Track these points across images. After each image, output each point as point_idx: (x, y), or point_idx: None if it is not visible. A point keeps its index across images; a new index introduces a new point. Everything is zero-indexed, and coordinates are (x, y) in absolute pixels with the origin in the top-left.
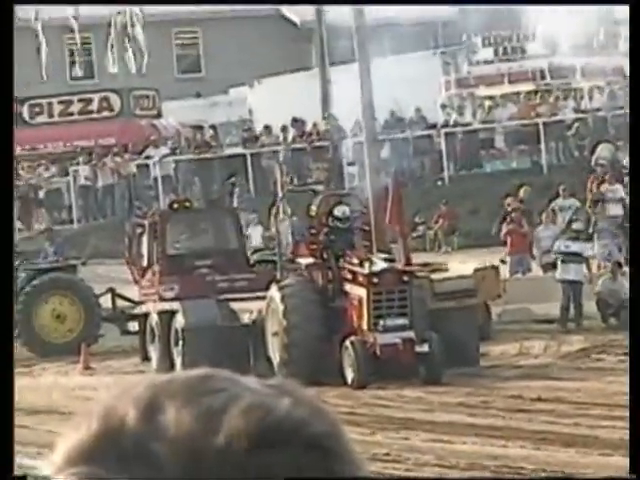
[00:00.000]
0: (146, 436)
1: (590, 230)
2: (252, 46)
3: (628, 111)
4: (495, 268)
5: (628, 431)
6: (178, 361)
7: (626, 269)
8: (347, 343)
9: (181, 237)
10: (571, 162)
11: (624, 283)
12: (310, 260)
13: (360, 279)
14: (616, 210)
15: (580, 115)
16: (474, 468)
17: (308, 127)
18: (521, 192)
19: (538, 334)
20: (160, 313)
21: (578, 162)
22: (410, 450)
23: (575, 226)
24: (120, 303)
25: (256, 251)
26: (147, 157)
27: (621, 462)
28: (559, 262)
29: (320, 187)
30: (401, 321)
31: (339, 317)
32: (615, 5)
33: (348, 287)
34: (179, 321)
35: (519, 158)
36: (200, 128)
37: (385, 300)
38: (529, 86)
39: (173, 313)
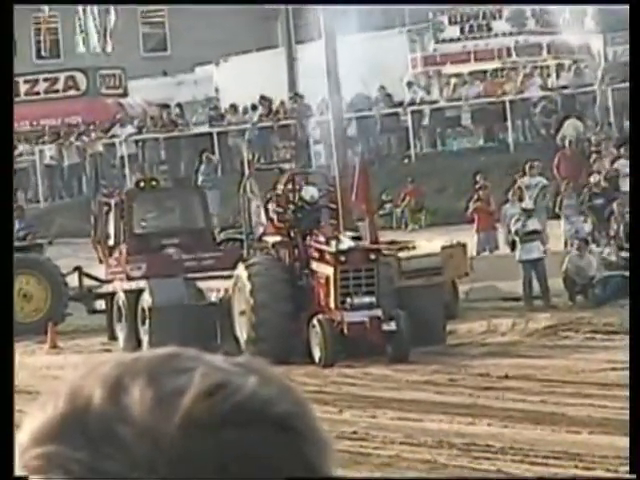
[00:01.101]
0: (112, 416)
1: (557, 207)
2: (218, 24)
3: (595, 88)
4: (462, 246)
5: (628, 433)
6: (145, 340)
7: (593, 246)
8: (314, 321)
9: (148, 216)
10: (537, 140)
11: (591, 260)
12: (277, 238)
13: (327, 257)
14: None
15: (546, 93)
16: (442, 446)
17: (275, 105)
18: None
19: (505, 312)
20: (127, 292)
21: (544, 140)
22: (378, 428)
23: (524, 205)
24: (87, 282)
25: (223, 229)
26: (113, 136)
27: (588, 439)
28: (518, 242)
29: (287, 165)
30: (368, 299)
31: (306, 296)
32: (615, 5)
33: (315, 265)
34: (146, 300)
35: (485, 136)
36: (166, 107)
37: (352, 278)
38: (495, 64)
39: (140, 292)
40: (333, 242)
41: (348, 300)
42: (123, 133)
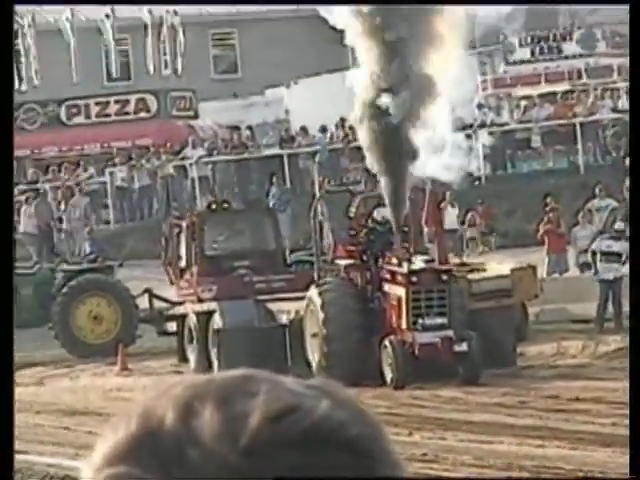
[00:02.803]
0: (182, 438)
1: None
2: (288, 46)
3: None
4: (532, 268)
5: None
6: (216, 362)
7: None
8: (386, 342)
9: (219, 238)
10: (608, 162)
11: None
12: (349, 261)
13: (399, 279)
14: None
15: (617, 115)
16: (512, 468)
17: (345, 128)
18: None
19: (575, 334)
20: (198, 314)
21: (615, 162)
22: (447, 450)
23: (617, 226)
24: (157, 304)
25: (293, 251)
26: (184, 158)
27: None
28: (598, 261)
29: (358, 188)
30: (440, 320)
31: (378, 318)
32: (615, 5)
33: (387, 287)
34: (217, 322)
35: (556, 158)
36: (237, 129)
37: (424, 299)
38: (566, 86)
39: (211, 314)
40: (405, 264)
41: (420, 321)
42: (194, 155)
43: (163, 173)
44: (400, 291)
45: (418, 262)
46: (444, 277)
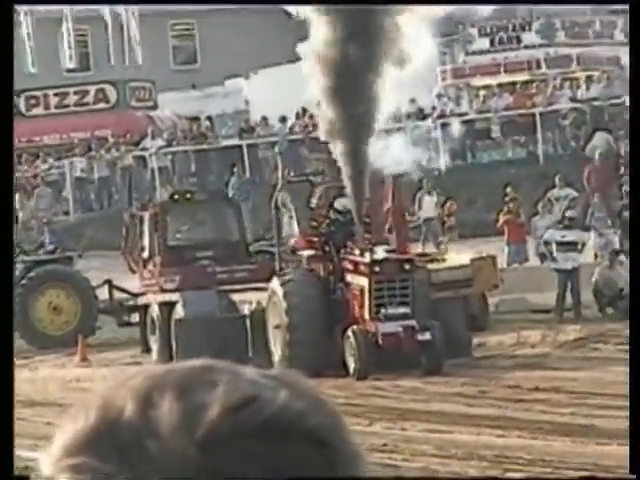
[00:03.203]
0: (141, 430)
1: (587, 219)
2: (248, 37)
3: (624, 100)
4: (492, 258)
5: (628, 431)
6: (176, 353)
7: (623, 258)
8: (349, 333)
9: (182, 228)
10: (567, 152)
11: (621, 272)
12: (311, 252)
13: (361, 269)
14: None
15: (576, 104)
16: (471, 458)
17: (305, 118)
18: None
19: (535, 324)
20: (160, 304)
21: (574, 152)
22: (407, 440)
23: (569, 214)
24: (117, 295)
25: (253, 242)
26: (143, 149)
27: (618, 451)
28: (555, 251)
29: (318, 178)
30: (402, 310)
31: (341, 308)
32: (615, 5)
33: (349, 277)
34: (179, 312)
35: (515, 148)
36: (196, 119)
37: (386, 289)
38: (525, 76)
39: (173, 304)
40: (367, 254)
41: (382, 311)
42: (153, 146)
43: (122, 164)
44: (363, 281)
45: (380, 252)
46: (407, 267)
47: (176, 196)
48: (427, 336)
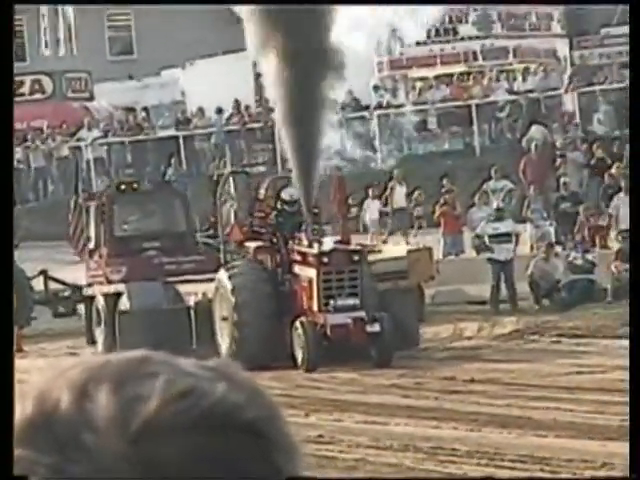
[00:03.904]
0: (78, 422)
1: (523, 211)
2: (185, 27)
3: (561, 92)
4: (428, 249)
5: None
6: (120, 344)
7: (559, 250)
8: (297, 324)
9: (129, 219)
10: (504, 143)
11: (557, 264)
12: (259, 243)
13: (310, 259)
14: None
15: (513, 96)
16: (407, 449)
17: (241, 109)
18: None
19: (471, 315)
20: (106, 296)
21: (510, 143)
22: (343, 432)
23: (496, 205)
24: (53, 286)
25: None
26: (79, 139)
27: (554, 443)
28: (488, 244)
29: (262, 168)
30: (351, 301)
31: (289, 300)
32: (615, 5)
33: (297, 268)
34: (124, 304)
35: (451, 139)
36: (132, 110)
37: (335, 280)
38: (461, 67)
39: (119, 296)
40: (315, 245)
41: (331, 302)
42: (89, 137)
43: (58, 154)
44: (311, 272)
45: (328, 243)
46: (355, 257)
47: (123, 186)
48: (376, 328)
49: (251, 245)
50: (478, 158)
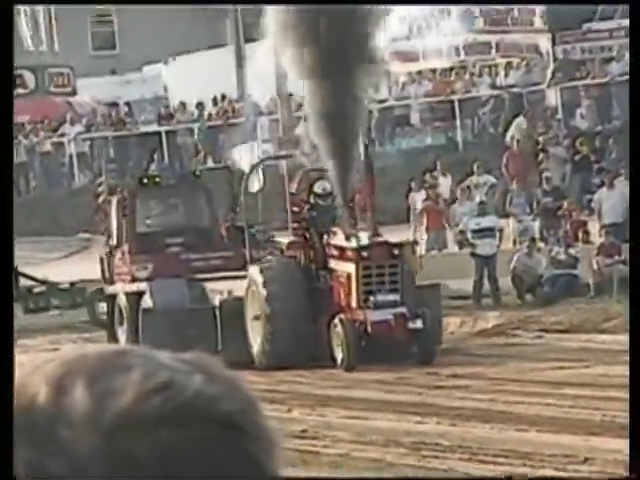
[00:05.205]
0: (54, 417)
1: (506, 206)
2: (167, 23)
3: (543, 87)
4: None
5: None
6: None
7: (541, 245)
8: (335, 322)
9: (151, 214)
10: (486, 138)
11: (539, 259)
12: (292, 238)
13: (348, 254)
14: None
15: (495, 91)
16: (390, 445)
17: (224, 104)
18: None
19: (454, 310)
20: (128, 294)
21: (493, 138)
22: (327, 427)
23: (479, 199)
24: (24, 282)
25: None
26: (62, 135)
27: (537, 438)
28: (470, 239)
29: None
30: (392, 297)
31: (325, 296)
32: (615, 5)
33: (334, 264)
34: (146, 302)
35: (434, 134)
36: (115, 105)
37: (375, 275)
38: (444, 62)
39: (142, 294)
40: (353, 239)
41: (371, 298)
42: (72, 132)
43: (41, 150)
44: (349, 267)
45: (364, 237)
46: (395, 252)
47: (145, 180)
48: (419, 324)
49: (284, 240)
50: (461, 153)
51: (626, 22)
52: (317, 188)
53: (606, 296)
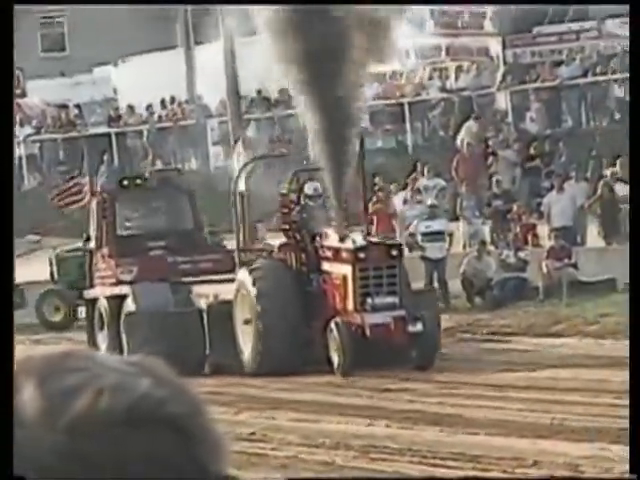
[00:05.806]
0: None
1: (457, 209)
2: (117, 25)
3: (493, 90)
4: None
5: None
6: (126, 348)
7: (491, 248)
8: (332, 325)
9: (132, 216)
10: (436, 141)
11: (489, 262)
12: (283, 240)
13: (344, 255)
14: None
15: (445, 94)
16: (339, 447)
17: (173, 106)
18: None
19: None
20: (109, 298)
21: (443, 141)
22: (275, 429)
23: (430, 202)
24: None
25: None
26: None
27: (486, 441)
28: (420, 242)
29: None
30: (390, 299)
31: (319, 300)
32: (615, 5)
33: (328, 266)
34: (129, 306)
35: (384, 137)
36: (65, 107)
37: (372, 277)
38: (394, 65)
39: (123, 298)
40: (349, 240)
41: (369, 301)
42: (21, 134)
43: None
44: (345, 269)
45: (358, 238)
46: (393, 253)
47: (125, 182)
48: (419, 327)
49: (274, 243)
50: (411, 156)
51: (576, 25)
52: (308, 189)
53: (555, 299)
